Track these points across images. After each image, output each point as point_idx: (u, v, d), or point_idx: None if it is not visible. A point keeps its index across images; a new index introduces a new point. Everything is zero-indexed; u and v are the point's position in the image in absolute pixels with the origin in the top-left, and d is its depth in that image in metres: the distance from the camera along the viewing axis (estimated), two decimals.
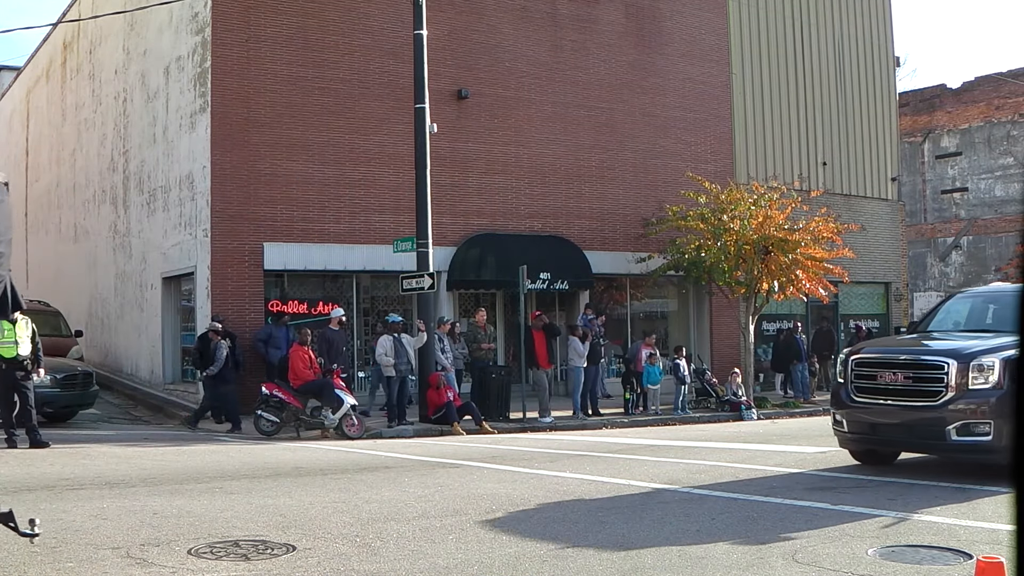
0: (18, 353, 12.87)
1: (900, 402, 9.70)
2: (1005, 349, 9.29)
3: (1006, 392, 8.96)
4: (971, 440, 9.14)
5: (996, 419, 8.97)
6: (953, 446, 9.32)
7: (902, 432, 9.77)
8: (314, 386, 15.40)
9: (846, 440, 10.49)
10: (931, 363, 9.67)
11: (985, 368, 9.18)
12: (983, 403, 9.10)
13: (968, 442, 9.16)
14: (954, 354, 9.51)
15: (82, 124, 27.56)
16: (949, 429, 9.20)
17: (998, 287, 12.55)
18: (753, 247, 21.04)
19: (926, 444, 9.78)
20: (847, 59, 28.37)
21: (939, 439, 9.32)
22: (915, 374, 9.69)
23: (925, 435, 9.52)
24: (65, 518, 7.50)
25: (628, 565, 6.08)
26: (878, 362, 10.16)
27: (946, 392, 9.30)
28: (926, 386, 9.52)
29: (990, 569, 4.69)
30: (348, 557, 6.29)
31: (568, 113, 22.81)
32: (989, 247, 38.20)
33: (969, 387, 9.20)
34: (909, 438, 9.78)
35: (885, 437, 10.06)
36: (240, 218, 18.89)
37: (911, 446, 10.12)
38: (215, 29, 18.94)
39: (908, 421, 9.63)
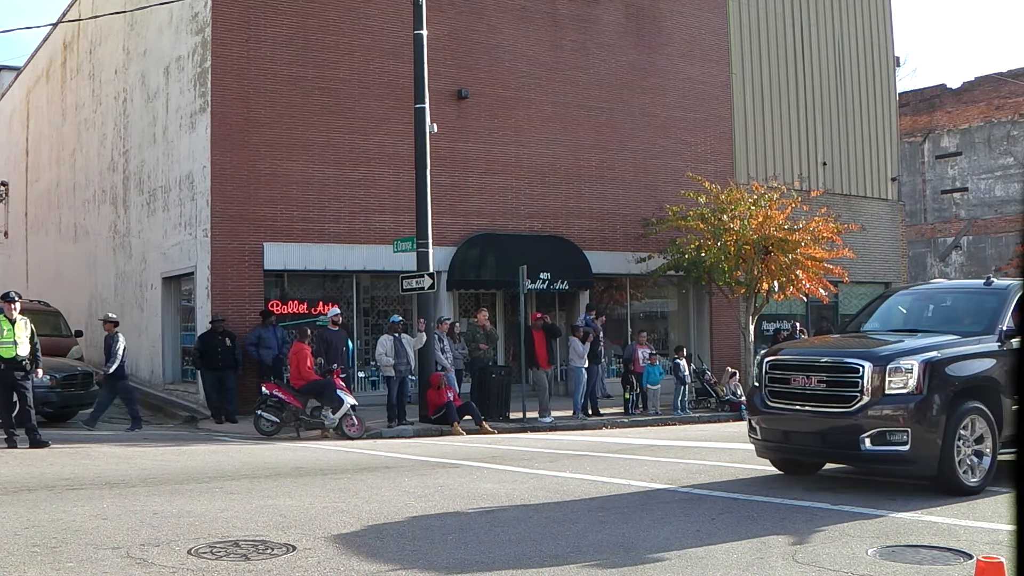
0: (17, 353, 12.86)
1: (813, 408, 8.99)
2: (927, 350, 8.73)
3: (926, 397, 8.41)
4: (886, 450, 8.43)
5: (914, 427, 8.35)
6: (867, 456, 8.61)
7: (815, 441, 9.03)
8: (315, 386, 15.40)
9: (762, 448, 9.76)
10: (845, 366, 8.88)
11: (903, 371, 8.49)
12: (900, 409, 8.42)
13: (883, 452, 8.46)
14: (870, 356, 8.81)
15: (82, 124, 27.56)
16: (863, 438, 8.49)
17: (940, 284, 11.99)
18: (753, 247, 21.04)
19: (840, 454, 9.10)
20: (847, 59, 28.37)
21: (853, 448, 8.62)
22: (829, 377, 8.93)
23: (838, 444, 8.80)
24: (65, 518, 7.50)
25: (628, 565, 6.08)
26: (792, 364, 9.38)
27: (861, 397, 8.58)
28: (840, 391, 8.79)
29: (990, 569, 4.69)
30: (348, 557, 6.30)
31: (568, 113, 22.81)
32: (989, 247, 38.20)
33: (886, 392, 8.50)
34: (822, 447, 9.05)
35: (799, 446, 9.34)
36: (240, 218, 18.89)
37: (825, 455, 9.43)
38: (215, 29, 18.94)
39: (821, 429, 8.94)
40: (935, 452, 8.32)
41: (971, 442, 8.57)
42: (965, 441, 8.51)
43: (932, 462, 8.36)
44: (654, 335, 23.03)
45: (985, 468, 8.61)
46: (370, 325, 20.93)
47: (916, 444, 8.34)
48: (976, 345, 8.99)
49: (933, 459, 8.34)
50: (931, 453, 8.33)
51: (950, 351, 8.82)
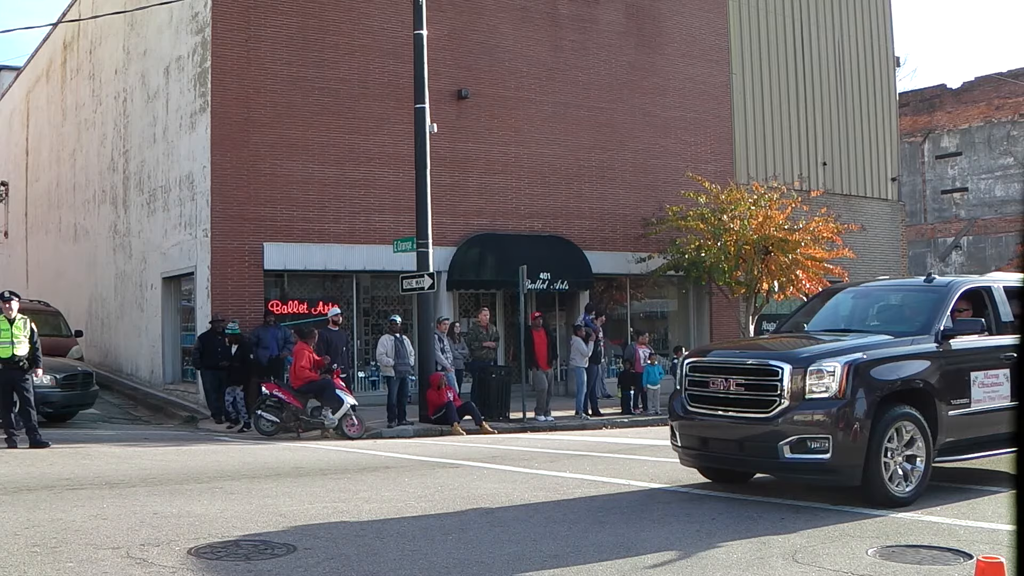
0: (14, 353, 12.82)
1: (732, 413, 8.42)
2: (852, 352, 8.17)
3: (849, 402, 7.86)
4: (807, 458, 7.89)
5: (836, 433, 7.80)
6: (787, 465, 8.05)
7: (734, 448, 8.49)
8: (314, 386, 15.39)
9: (683, 456, 9.16)
10: (763, 368, 8.26)
11: (825, 374, 7.93)
12: (821, 415, 7.87)
13: (803, 460, 7.92)
14: (789, 357, 8.20)
15: (82, 124, 27.56)
16: (782, 445, 7.92)
17: (883, 282, 11.46)
18: (753, 247, 21.05)
19: (758, 462, 8.46)
20: (847, 59, 28.37)
21: (772, 457, 8.04)
22: (747, 381, 8.31)
23: (757, 452, 8.23)
24: (65, 518, 7.50)
25: (628, 565, 6.08)
26: (710, 367, 8.79)
27: (779, 402, 8.00)
28: (758, 395, 8.19)
29: (990, 569, 4.69)
30: (348, 557, 6.30)
31: (568, 113, 22.81)
32: (989, 247, 38.20)
33: (806, 396, 7.95)
34: (740, 455, 8.48)
35: (717, 453, 8.75)
36: (240, 218, 18.89)
37: (744, 464, 8.79)
38: (215, 29, 18.94)
39: (739, 436, 8.38)
40: (859, 460, 7.82)
41: (901, 450, 8.07)
42: (895, 449, 8.01)
43: (856, 471, 7.85)
44: (654, 335, 23.02)
45: (917, 478, 8.11)
46: (370, 325, 20.94)
47: (838, 452, 7.80)
48: (909, 346, 8.50)
49: (857, 468, 7.84)
50: (855, 462, 7.82)
51: (877, 352, 8.29)
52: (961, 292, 9.17)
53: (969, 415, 8.59)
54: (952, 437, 8.46)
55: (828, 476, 7.99)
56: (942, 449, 8.38)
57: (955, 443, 8.52)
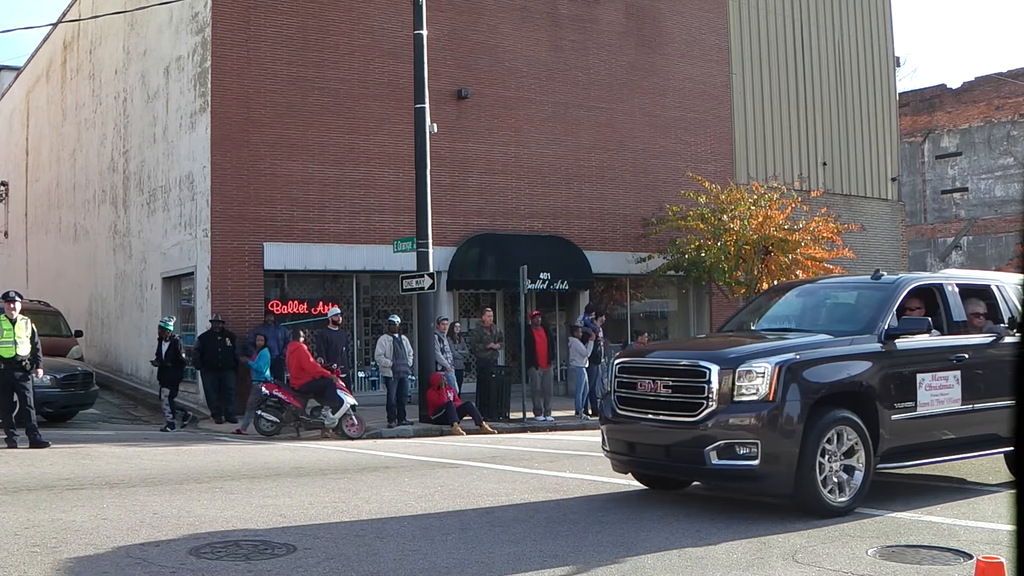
0: (16, 353, 12.86)
1: (659, 416, 7.98)
2: (784, 352, 7.71)
3: (779, 405, 7.40)
4: (734, 464, 7.45)
5: (765, 438, 7.35)
6: (713, 471, 7.62)
7: (660, 454, 8.02)
8: (315, 386, 15.39)
9: (613, 462, 8.72)
10: (690, 369, 7.80)
11: (754, 375, 7.47)
12: (749, 419, 7.41)
13: (731, 467, 7.48)
14: (718, 358, 7.73)
15: (82, 124, 27.56)
16: (708, 451, 7.49)
17: (833, 280, 10.98)
18: (753, 247, 21.05)
19: (685, 469, 8.00)
20: (847, 59, 28.37)
21: (698, 463, 7.61)
22: (674, 382, 7.87)
23: (683, 458, 7.78)
24: (65, 518, 7.50)
25: (628, 565, 6.08)
26: (639, 367, 8.35)
27: (707, 405, 7.55)
28: (685, 397, 7.75)
29: (990, 569, 4.69)
30: (348, 557, 6.29)
31: (568, 113, 22.81)
32: (989, 247, 38.20)
33: (734, 398, 7.49)
34: (667, 461, 8.01)
35: (645, 459, 8.30)
36: (240, 218, 18.89)
37: (671, 471, 8.30)
38: (215, 29, 18.94)
39: (666, 441, 7.93)
40: (790, 467, 7.37)
41: (839, 457, 7.62)
42: (831, 455, 7.56)
43: (787, 479, 7.40)
44: (654, 335, 23.02)
45: (856, 486, 7.66)
46: (370, 325, 20.94)
47: (768, 458, 7.35)
48: (849, 346, 8.04)
49: (788, 475, 7.38)
50: (786, 469, 7.38)
51: (813, 352, 7.84)
52: (909, 290, 8.77)
53: (915, 419, 8.16)
54: (896, 442, 8.02)
55: (757, 484, 7.55)
56: (885, 455, 7.94)
57: (900, 449, 8.07)
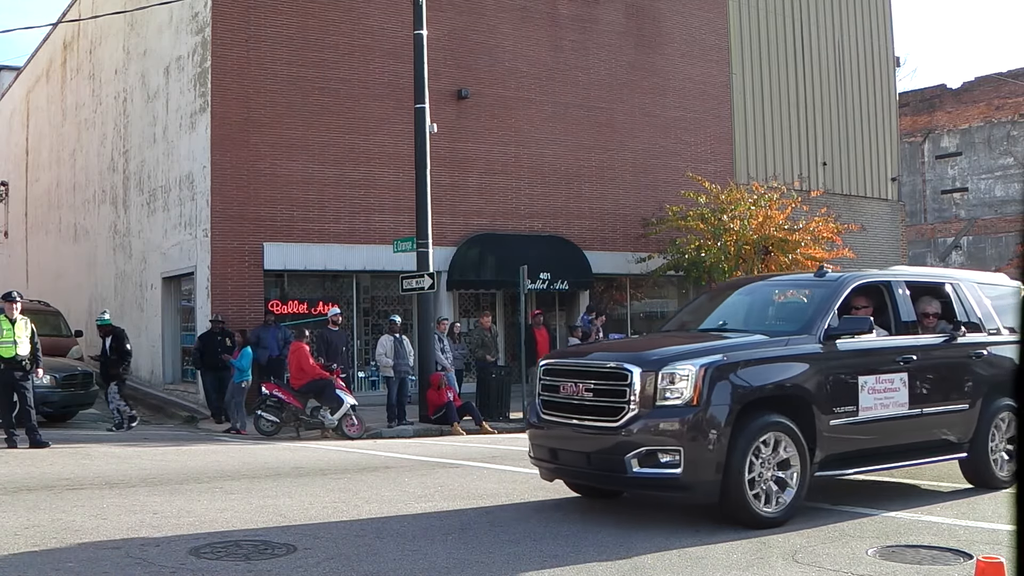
0: (17, 353, 12.86)
1: (581, 421, 7.54)
2: (711, 353, 7.30)
3: (704, 409, 6.99)
4: (656, 473, 7.03)
5: (688, 445, 6.94)
6: (635, 480, 7.18)
7: (582, 461, 7.59)
8: (314, 386, 15.39)
9: (540, 469, 8.27)
10: (611, 371, 7.38)
11: (678, 378, 7.04)
12: (672, 424, 7.00)
13: (652, 475, 7.05)
14: (640, 359, 7.31)
15: (82, 124, 27.56)
16: (629, 458, 7.06)
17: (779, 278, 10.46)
18: (753, 247, 21.05)
19: (607, 477, 7.54)
20: (847, 59, 28.37)
21: (619, 471, 7.17)
22: (596, 385, 7.46)
23: (604, 465, 7.34)
24: (65, 518, 7.50)
25: (628, 565, 6.08)
26: (562, 369, 7.90)
27: (628, 409, 7.13)
28: (607, 401, 7.32)
29: (990, 569, 4.69)
30: (348, 557, 6.30)
31: (568, 113, 22.81)
32: (989, 247, 38.20)
33: (657, 403, 7.07)
34: (589, 468, 7.60)
35: (568, 467, 7.83)
36: (240, 218, 18.89)
37: (593, 479, 7.90)
38: (215, 29, 18.94)
39: (587, 447, 7.51)
40: (715, 476, 6.98)
41: (771, 465, 7.22)
42: (762, 463, 7.16)
43: (712, 487, 7.02)
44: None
45: (789, 496, 7.29)
46: (370, 325, 20.94)
47: (691, 466, 6.95)
48: (784, 347, 7.61)
49: (714, 484, 7.00)
50: (711, 477, 6.99)
51: (743, 354, 7.42)
52: (853, 288, 8.37)
53: (856, 424, 7.75)
54: (836, 449, 7.64)
55: (681, 493, 7.14)
56: (824, 462, 7.57)
57: (840, 455, 7.71)
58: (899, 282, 8.73)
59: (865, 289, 8.60)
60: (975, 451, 8.66)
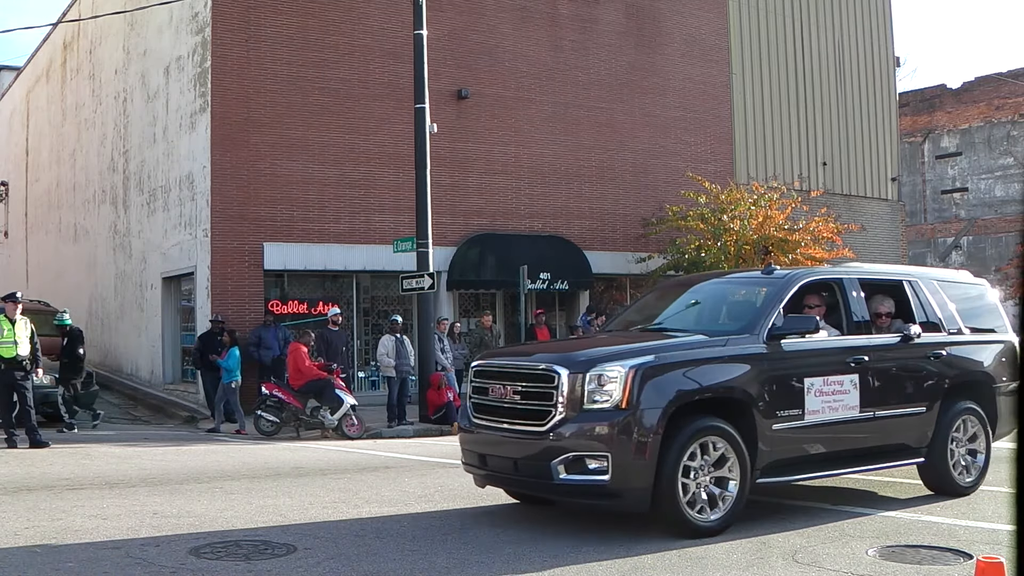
0: (17, 353, 12.88)
1: (508, 425, 7.22)
2: (642, 354, 6.95)
3: (633, 413, 6.63)
4: (583, 480, 6.69)
5: (616, 451, 6.60)
6: (562, 487, 6.84)
7: (510, 467, 7.25)
8: (314, 386, 15.39)
9: (473, 476, 7.89)
10: (539, 373, 7.07)
11: (606, 379, 6.69)
12: (599, 428, 6.66)
13: (579, 482, 6.71)
14: (568, 361, 6.99)
15: (82, 124, 27.56)
16: (556, 464, 6.74)
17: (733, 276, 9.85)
18: (753, 247, 21.04)
19: (533, 484, 7.21)
20: (847, 59, 28.37)
21: (545, 477, 6.85)
22: (524, 387, 7.12)
23: (530, 471, 7.02)
24: (65, 518, 7.50)
25: (628, 565, 6.08)
26: (492, 371, 7.55)
27: (555, 413, 6.80)
28: (534, 404, 7.00)
29: (990, 569, 4.69)
30: (348, 557, 6.30)
31: (568, 113, 22.81)
32: (989, 247, 38.21)
33: (584, 406, 6.73)
34: (516, 475, 7.25)
35: (497, 473, 7.47)
36: (240, 218, 18.89)
37: (521, 485, 7.56)
38: (215, 29, 18.94)
39: (514, 453, 7.17)
40: (646, 483, 6.63)
41: (708, 471, 6.90)
42: (698, 469, 6.84)
43: (643, 495, 6.67)
44: None
45: (728, 504, 6.95)
46: (370, 325, 20.94)
47: (620, 472, 6.60)
48: (723, 347, 7.27)
49: (644, 491, 6.65)
50: (641, 484, 6.64)
51: (676, 355, 7.11)
52: (801, 286, 8.02)
53: (802, 428, 7.41)
54: (780, 454, 7.32)
55: (610, 500, 6.78)
56: (767, 468, 7.25)
57: (785, 461, 7.39)
58: (852, 280, 8.35)
59: (816, 287, 8.31)
60: (933, 456, 8.32)
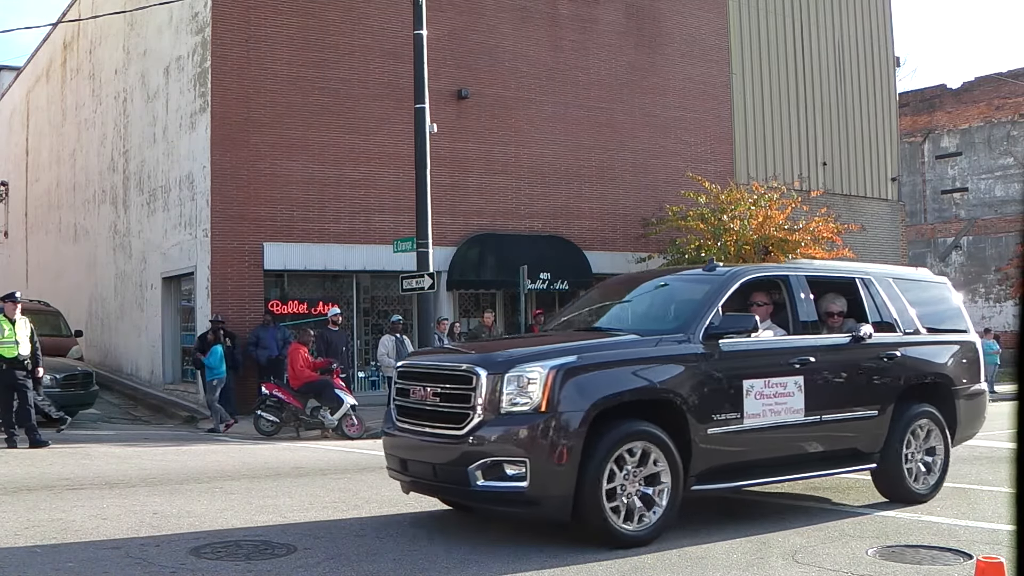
0: (19, 353, 12.89)
1: (429, 428, 6.88)
2: (565, 354, 6.61)
3: (553, 416, 6.28)
4: (501, 486, 6.36)
5: (535, 456, 6.26)
6: (479, 494, 6.49)
7: (429, 472, 6.89)
8: (314, 386, 15.39)
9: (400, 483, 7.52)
10: (458, 374, 6.75)
11: (525, 381, 6.36)
12: (518, 432, 6.31)
13: (497, 489, 6.37)
14: (487, 361, 6.68)
15: (82, 124, 27.56)
16: (473, 470, 6.40)
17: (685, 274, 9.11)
18: (753, 247, 21.04)
19: (452, 490, 6.90)
20: (847, 59, 28.37)
21: (463, 484, 6.51)
22: (443, 389, 6.82)
23: (449, 477, 6.66)
24: (65, 518, 7.50)
25: (628, 565, 6.08)
26: (414, 372, 7.26)
27: (473, 416, 6.49)
28: (453, 407, 6.68)
29: (990, 569, 4.69)
30: (348, 557, 6.30)
31: (568, 113, 22.81)
32: (989, 247, 38.21)
33: (503, 409, 6.40)
34: (435, 480, 6.89)
35: (418, 479, 7.09)
36: (240, 218, 18.89)
37: (441, 492, 7.20)
38: (215, 29, 18.94)
39: (433, 458, 6.81)
40: (567, 490, 6.29)
41: (636, 478, 6.54)
42: (625, 476, 6.49)
43: (564, 503, 6.32)
44: None
45: (657, 513, 6.58)
46: (370, 325, 20.94)
47: (538, 479, 6.25)
48: (654, 347, 6.93)
49: (565, 499, 6.31)
50: (561, 492, 6.30)
51: (602, 354, 6.77)
52: (742, 283, 7.69)
53: (741, 433, 7.05)
54: (717, 460, 6.98)
55: (531, 509, 6.42)
56: (703, 474, 6.90)
57: (723, 467, 7.05)
58: (798, 277, 7.95)
59: (762, 285, 7.99)
60: (887, 462, 7.96)
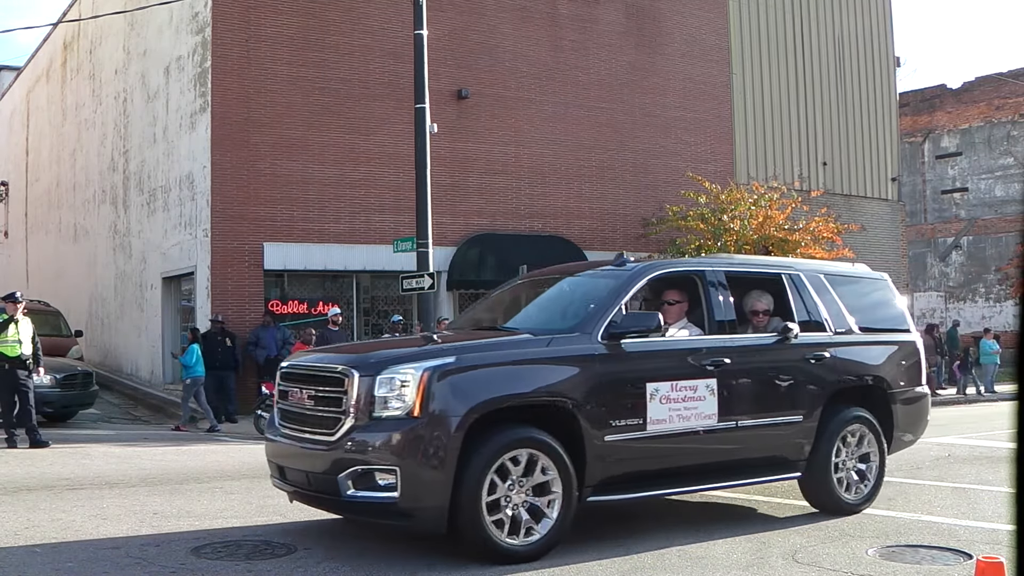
0: (21, 352, 12.90)
1: (306, 434, 6.45)
2: (442, 355, 6.27)
3: (426, 422, 5.88)
4: (372, 497, 5.93)
5: (406, 465, 5.85)
6: (350, 504, 6.08)
7: (304, 480, 6.47)
8: None
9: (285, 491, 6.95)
10: (329, 376, 6.37)
11: (398, 383, 5.96)
12: (389, 438, 5.90)
13: (368, 499, 5.95)
14: (360, 362, 6.26)
15: (82, 124, 27.57)
16: (343, 479, 5.99)
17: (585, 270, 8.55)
18: (753, 247, 21.05)
19: (324, 500, 6.40)
20: (847, 59, 28.38)
21: (334, 493, 6.08)
22: (317, 392, 6.42)
23: (321, 486, 6.23)
24: (65, 518, 7.50)
25: (628, 565, 6.08)
26: (295, 373, 6.82)
27: (344, 421, 6.08)
28: (325, 411, 6.29)
29: (990, 569, 4.69)
30: (348, 557, 6.30)
31: (568, 113, 22.81)
32: (989, 247, 38.20)
33: (374, 413, 6.00)
34: (309, 489, 6.44)
35: (296, 487, 6.63)
36: (240, 218, 18.89)
37: (317, 502, 6.58)
38: (215, 29, 18.94)
39: (307, 465, 6.40)
40: (441, 502, 5.87)
41: (521, 488, 6.11)
42: (510, 487, 6.07)
43: (438, 514, 5.90)
44: None
45: (547, 526, 6.18)
46: (370, 325, 20.94)
47: (410, 489, 5.83)
48: (545, 347, 6.49)
49: (439, 511, 5.89)
50: (435, 502, 5.88)
51: (484, 355, 6.35)
52: (650, 279, 7.25)
53: (644, 440, 6.61)
54: (617, 468, 6.55)
55: (403, 521, 5.98)
56: (601, 484, 6.48)
57: (623, 476, 6.62)
58: (715, 272, 7.45)
59: (675, 281, 7.54)
60: (814, 470, 7.54)
